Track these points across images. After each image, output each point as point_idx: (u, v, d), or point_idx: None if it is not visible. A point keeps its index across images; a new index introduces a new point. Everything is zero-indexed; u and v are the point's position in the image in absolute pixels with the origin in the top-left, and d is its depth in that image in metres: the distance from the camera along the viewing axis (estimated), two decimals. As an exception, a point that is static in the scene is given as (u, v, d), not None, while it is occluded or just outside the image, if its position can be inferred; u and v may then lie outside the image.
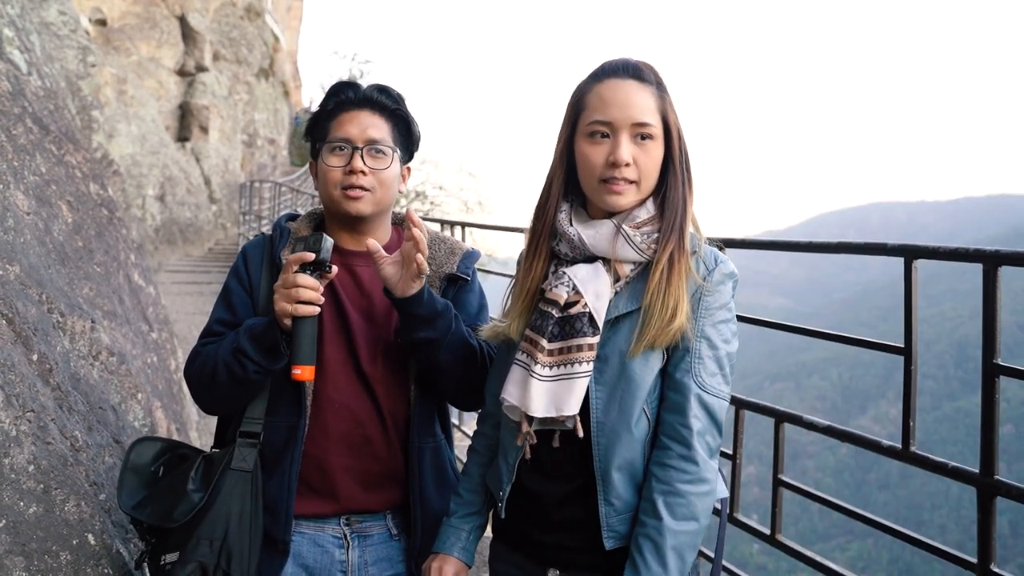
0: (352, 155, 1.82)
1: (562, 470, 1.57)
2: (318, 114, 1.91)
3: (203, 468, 1.78)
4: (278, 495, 1.77)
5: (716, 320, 1.51)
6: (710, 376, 1.50)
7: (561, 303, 1.53)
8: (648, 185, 1.54)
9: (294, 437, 1.78)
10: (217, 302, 1.91)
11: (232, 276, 1.91)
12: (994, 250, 1.94)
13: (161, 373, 3.43)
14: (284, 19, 27.02)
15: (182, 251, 15.08)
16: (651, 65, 1.55)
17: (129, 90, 14.99)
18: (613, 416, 1.50)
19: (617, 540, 1.51)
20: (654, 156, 1.52)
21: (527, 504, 1.62)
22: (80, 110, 8.46)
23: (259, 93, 21.41)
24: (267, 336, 1.67)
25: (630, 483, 1.51)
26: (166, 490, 1.76)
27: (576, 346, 1.50)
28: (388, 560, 1.89)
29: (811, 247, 2.47)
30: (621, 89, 1.51)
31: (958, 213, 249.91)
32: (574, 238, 1.55)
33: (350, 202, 1.83)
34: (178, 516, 1.69)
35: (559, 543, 1.58)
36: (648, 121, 1.50)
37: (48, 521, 1.72)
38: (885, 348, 2.31)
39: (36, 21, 5.19)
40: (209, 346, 1.80)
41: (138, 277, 3.76)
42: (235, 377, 1.71)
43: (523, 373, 1.55)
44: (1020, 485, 1.91)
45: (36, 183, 2.80)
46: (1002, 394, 1.96)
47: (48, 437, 1.88)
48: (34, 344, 2.11)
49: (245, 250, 1.94)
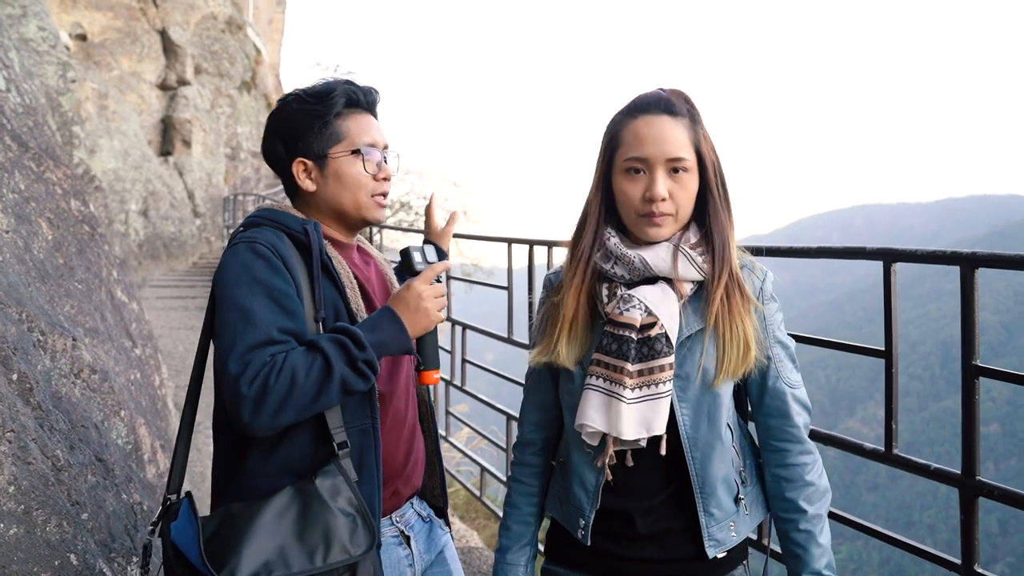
0: (383, 161, 1.82)
1: (644, 487, 1.62)
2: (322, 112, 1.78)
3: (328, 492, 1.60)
4: (371, 496, 1.68)
5: (779, 322, 1.65)
6: (792, 374, 1.65)
7: (637, 325, 1.55)
8: (685, 214, 1.59)
9: (372, 438, 1.71)
10: (259, 304, 1.60)
11: (271, 275, 1.63)
12: (971, 252, 1.95)
13: (145, 389, 3.41)
14: (266, 32, 26.99)
15: (166, 266, 15.00)
16: (683, 94, 1.59)
17: (111, 105, 14.92)
18: (704, 430, 1.58)
19: (717, 547, 1.59)
20: (690, 188, 1.57)
21: (606, 525, 1.64)
22: (61, 126, 8.41)
23: (242, 106, 21.36)
24: (397, 346, 1.64)
25: (727, 492, 1.61)
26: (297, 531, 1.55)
27: (659, 367, 1.54)
28: (430, 541, 1.93)
29: (792, 252, 2.48)
30: (655, 125, 1.55)
31: (941, 214, 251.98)
32: (635, 260, 1.58)
33: (379, 210, 1.83)
34: (362, 541, 1.57)
35: (643, 557, 1.62)
36: (682, 156, 1.54)
37: (29, 542, 1.70)
38: (867, 352, 2.32)
39: (15, 37, 5.17)
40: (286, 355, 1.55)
41: (121, 293, 3.74)
42: (350, 392, 1.58)
43: (605, 398, 1.56)
44: (1001, 486, 1.92)
45: (15, 200, 2.78)
46: (987, 393, 1.98)
47: (29, 457, 1.86)
48: (14, 363, 2.09)
49: (275, 248, 1.66)
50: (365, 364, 1.56)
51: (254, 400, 1.49)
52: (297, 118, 1.78)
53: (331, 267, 1.72)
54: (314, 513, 1.56)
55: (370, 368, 1.57)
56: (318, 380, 1.53)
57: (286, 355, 1.54)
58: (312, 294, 1.68)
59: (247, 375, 1.51)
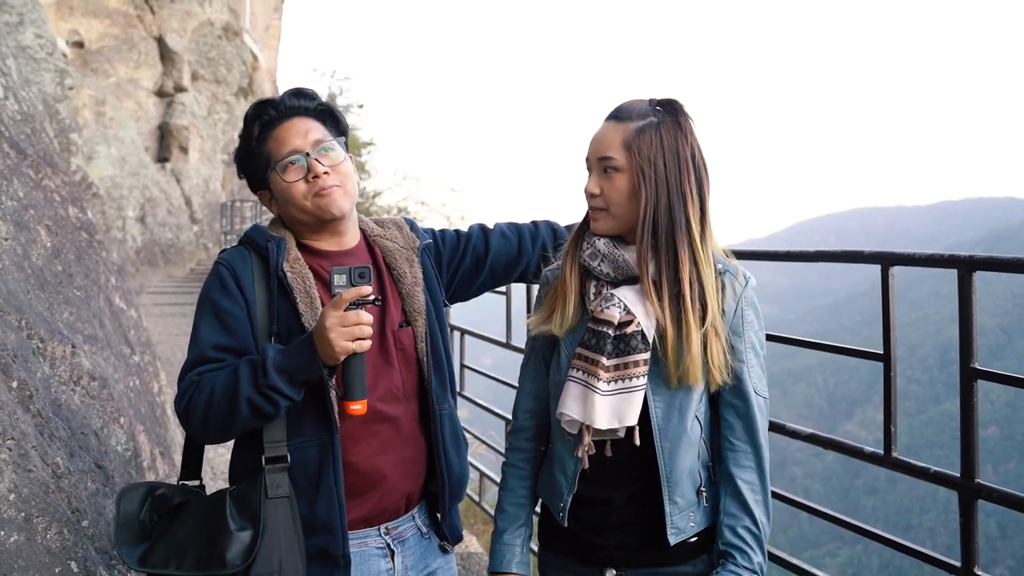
0: (308, 162, 1.79)
1: (618, 476, 1.72)
2: (247, 147, 1.87)
3: (236, 505, 1.69)
4: (329, 512, 1.73)
5: (756, 329, 1.71)
6: (760, 381, 1.71)
7: (615, 323, 1.65)
8: (619, 211, 1.68)
9: (330, 454, 1.74)
10: (204, 323, 1.76)
11: (220, 294, 1.77)
12: (968, 255, 1.95)
13: (144, 396, 3.41)
14: (263, 38, 27.01)
15: (164, 272, 14.98)
16: (663, 102, 1.68)
17: (108, 112, 14.92)
18: (674, 423, 1.67)
19: (679, 535, 1.68)
20: (619, 186, 1.66)
21: (583, 510, 1.75)
22: (58, 133, 8.41)
23: (239, 112, 21.33)
24: (308, 373, 1.63)
25: (690, 483, 1.69)
26: (192, 537, 1.68)
27: (633, 362, 1.63)
28: (423, 559, 1.92)
29: (790, 256, 2.48)
30: (601, 129, 1.70)
31: (937, 217, 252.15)
32: (619, 259, 1.68)
33: (328, 202, 1.79)
34: (236, 559, 1.62)
35: (618, 543, 1.72)
36: (609, 155, 1.66)
37: (30, 550, 1.70)
38: (865, 355, 2.32)
39: (12, 45, 5.18)
40: (208, 375, 1.69)
41: (119, 300, 3.74)
42: (260, 412, 1.64)
43: (582, 389, 1.66)
44: (1001, 488, 1.92)
45: (13, 208, 2.79)
46: (986, 396, 1.99)
47: (29, 464, 1.86)
48: (13, 371, 2.09)
49: (230, 264, 1.81)
50: (269, 389, 1.62)
51: (183, 416, 1.70)
52: (240, 157, 1.90)
53: (285, 283, 1.78)
54: (212, 524, 1.67)
55: (275, 392, 1.62)
56: (230, 400, 1.63)
57: (213, 375, 1.68)
58: (268, 309, 1.77)
59: (178, 394, 1.72)
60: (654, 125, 1.65)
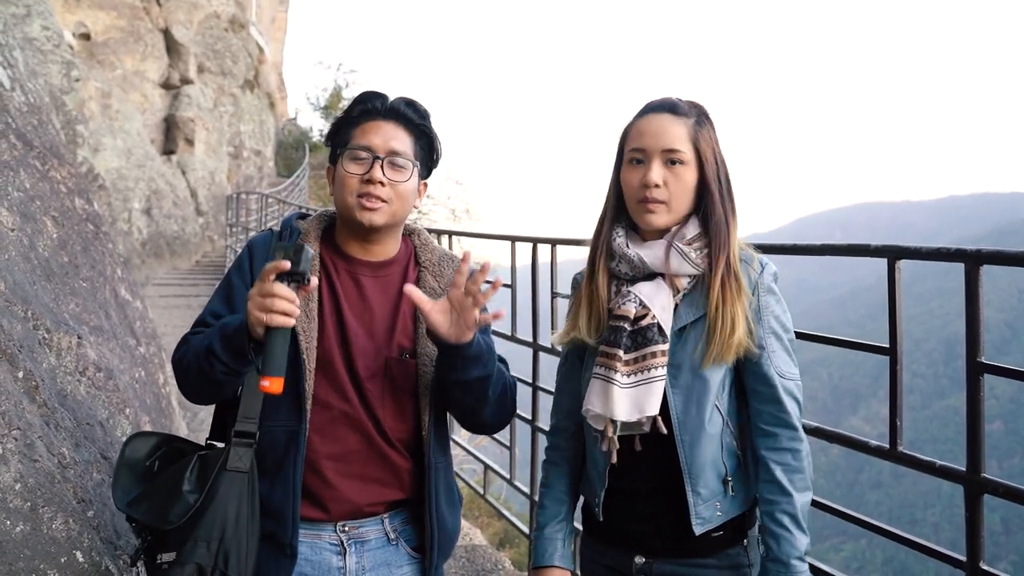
0: (372, 164, 1.78)
1: (645, 469, 1.74)
2: (342, 119, 1.88)
3: (198, 468, 1.72)
4: (283, 499, 1.74)
5: (776, 313, 1.72)
6: (785, 364, 1.71)
7: (631, 317, 1.69)
8: (679, 206, 1.72)
9: (295, 442, 1.75)
10: (215, 294, 1.88)
11: (235, 270, 1.87)
12: (975, 249, 1.95)
13: (149, 388, 3.42)
14: (268, 30, 27.00)
15: (169, 264, 15.02)
16: (695, 102, 1.75)
17: (114, 104, 14.94)
18: (692, 415, 1.69)
19: (704, 525, 1.69)
20: (684, 180, 1.70)
21: (615, 502, 1.79)
22: (64, 125, 8.42)
23: (244, 105, 21.37)
24: (236, 339, 1.62)
25: (714, 473, 1.70)
26: (161, 489, 1.72)
27: (650, 353, 1.68)
28: (386, 565, 1.85)
29: (796, 249, 2.48)
30: (655, 121, 1.72)
31: (943, 212, 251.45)
32: (634, 259, 1.73)
33: (364, 212, 1.78)
34: (173, 518, 1.64)
35: (645, 532, 1.75)
36: (678, 148, 1.69)
37: (35, 540, 1.71)
38: (871, 348, 2.32)
39: (19, 36, 5.17)
40: (196, 336, 1.77)
41: (125, 291, 3.74)
42: (204, 374, 1.68)
43: (603, 384, 1.71)
44: (1006, 482, 1.91)
45: (20, 199, 2.79)
46: (990, 391, 1.98)
47: (35, 455, 1.87)
48: (20, 361, 2.10)
49: (252, 245, 1.91)
50: (207, 351, 1.67)
51: (173, 368, 1.79)
52: (333, 127, 1.92)
53: None
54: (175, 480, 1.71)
55: (212, 356, 1.66)
56: (193, 357, 1.71)
57: (197, 336, 1.76)
58: None
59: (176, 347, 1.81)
60: (702, 122, 1.72)
